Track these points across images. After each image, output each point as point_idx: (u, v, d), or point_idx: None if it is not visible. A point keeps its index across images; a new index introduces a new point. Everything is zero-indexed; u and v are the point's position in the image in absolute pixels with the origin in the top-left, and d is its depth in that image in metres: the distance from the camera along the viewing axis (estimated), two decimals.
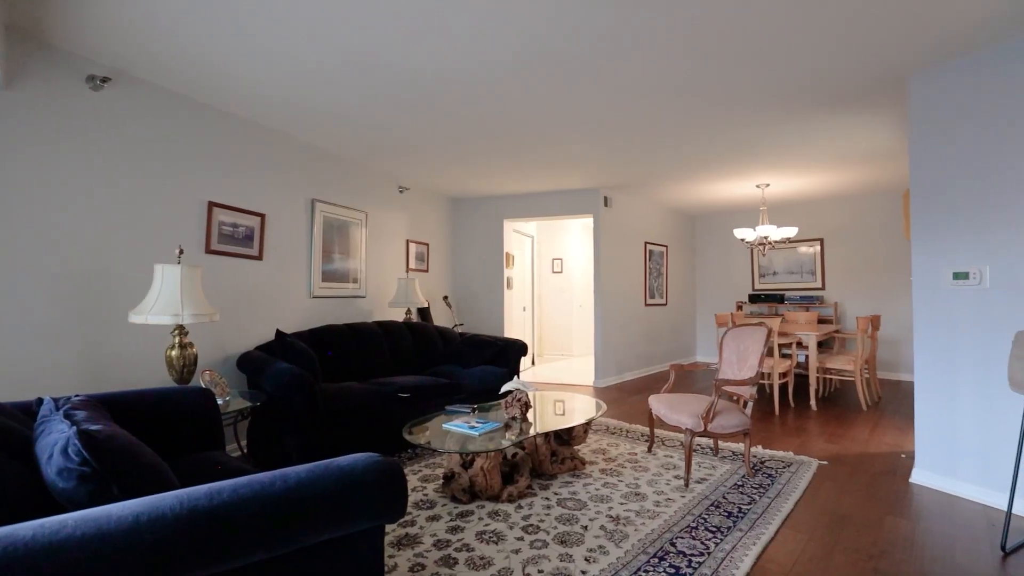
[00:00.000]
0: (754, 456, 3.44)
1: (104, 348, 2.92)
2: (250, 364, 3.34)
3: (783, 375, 5.07)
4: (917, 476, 3.02)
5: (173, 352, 2.73)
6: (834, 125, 3.95)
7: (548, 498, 2.75)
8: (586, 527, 2.41)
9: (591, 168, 5.23)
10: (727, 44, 2.68)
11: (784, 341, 5.12)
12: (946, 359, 2.91)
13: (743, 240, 6.04)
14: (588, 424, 3.19)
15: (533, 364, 7.95)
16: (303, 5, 2.33)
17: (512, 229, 7.05)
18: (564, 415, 3.25)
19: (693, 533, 2.35)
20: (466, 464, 2.74)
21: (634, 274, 6.92)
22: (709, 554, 2.16)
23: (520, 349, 4.75)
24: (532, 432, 2.83)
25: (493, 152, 4.62)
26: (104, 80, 2.86)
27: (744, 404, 3.19)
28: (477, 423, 2.88)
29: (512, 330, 6.88)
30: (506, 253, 6.66)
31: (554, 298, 8.97)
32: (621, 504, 2.67)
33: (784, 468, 3.21)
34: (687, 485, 2.91)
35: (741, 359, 3.33)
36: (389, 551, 2.19)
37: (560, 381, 6.54)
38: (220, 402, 2.77)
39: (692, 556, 2.15)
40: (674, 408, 3.11)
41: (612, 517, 2.51)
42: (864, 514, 2.59)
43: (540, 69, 2.96)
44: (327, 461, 1.32)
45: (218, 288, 3.56)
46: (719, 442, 3.67)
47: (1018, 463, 2.30)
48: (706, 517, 2.52)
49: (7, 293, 2.54)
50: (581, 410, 3.30)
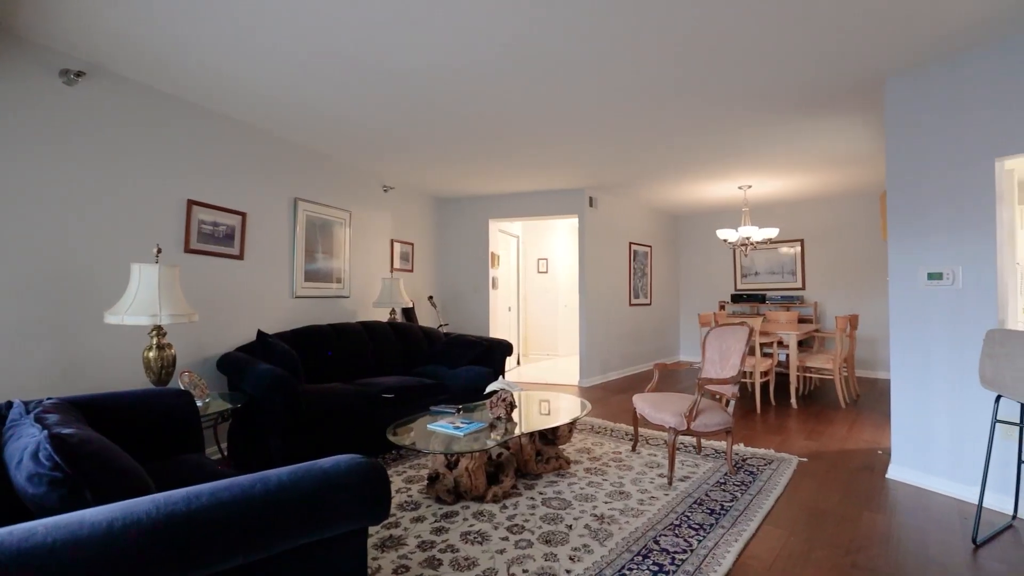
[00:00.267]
0: (736, 454, 3.48)
1: (78, 349, 2.84)
2: (231, 365, 3.29)
3: (764, 374, 5.14)
4: (893, 472, 3.09)
5: (151, 353, 2.67)
6: (814, 128, 4.02)
7: (533, 498, 2.75)
8: (571, 526, 2.42)
9: (576, 168, 5.25)
10: (711, 49, 2.71)
11: (765, 340, 5.20)
12: (921, 357, 2.98)
13: (726, 241, 6.12)
14: (573, 424, 3.21)
15: (518, 364, 7.96)
16: None
17: (497, 229, 7.05)
18: (549, 415, 3.26)
19: (676, 531, 2.38)
20: (451, 465, 2.73)
21: (619, 274, 6.97)
22: (692, 551, 2.19)
23: (505, 349, 4.75)
24: (517, 432, 2.83)
25: (479, 151, 4.61)
26: (79, 74, 2.78)
27: (726, 403, 3.24)
28: (462, 423, 2.87)
29: (497, 330, 6.87)
30: (491, 253, 6.66)
31: (539, 298, 8.99)
32: (605, 503, 2.68)
33: (765, 465, 3.26)
34: (671, 483, 2.94)
35: (724, 358, 3.37)
36: (373, 553, 2.17)
37: (545, 381, 6.55)
38: (199, 404, 2.72)
39: (675, 554, 2.17)
40: (658, 407, 3.14)
41: (596, 516, 2.53)
42: (842, 510, 2.64)
43: (527, 69, 2.97)
44: (309, 463, 1.30)
45: (198, 288, 3.49)
46: (702, 440, 3.72)
47: (988, 458, 2.37)
48: (689, 515, 2.55)
49: None
50: (566, 410, 3.31)
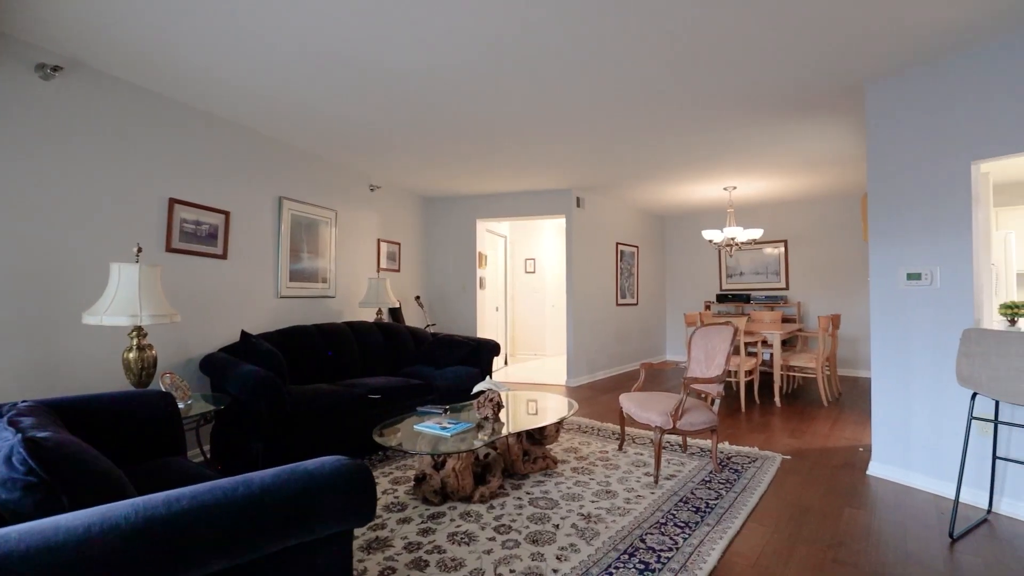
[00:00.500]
0: (721, 452, 3.52)
1: (55, 351, 2.78)
2: (214, 366, 3.24)
3: (749, 373, 5.21)
4: (874, 468, 3.15)
5: (131, 354, 2.62)
6: (797, 130, 4.08)
7: (520, 498, 2.75)
8: (558, 526, 2.42)
9: (564, 168, 5.27)
10: (697, 52, 2.74)
11: (750, 340, 5.26)
12: (901, 356, 3.04)
13: (711, 241, 6.18)
14: (560, 423, 3.21)
15: (506, 364, 7.96)
16: None
17: (485, 229, 7.04)
18: (536, 414, 3.26)
19: (662, 529, 2.39)
20: (438, 465, 2.72)
21: (606, 274, 7.00)
22: (678, 549, 2.20)
23: (493, 349, 4.75)
24: (504, 432, 2.83)
25: (466, 151, 4.60)
26: (55, 69, 2.72)
27: (712, 401, 3.27)
28: (449, 424, 2.86)
29: (485, 330, 6.87)
30: (479, 253, 6.65)
31: (527, 298, 9.00)
32: (592, 502, 2.69)
33: (750, 463, 3.30)
34: (656, 482, 2.96)
35: (709, 357, 3.41)
36: (358, 555, 2.15)
37: (533, 381, 6.56)
38: (181, 406, 2.68)
39: (661, 552, 2.18)
40: (644, 406, 3.16)
41: (583, 515, 2.53)
42: (825, 506, 2.68)
43: (514, 70, 2.96)
44: (293, 465, 1.29)
45: (180, 288, 3.44)
46: (688, 439, 3.75)
47: (964, 454, 2.43)
48: (675, 513, 2.57)
49: None
50: (553, 409, 3.31)
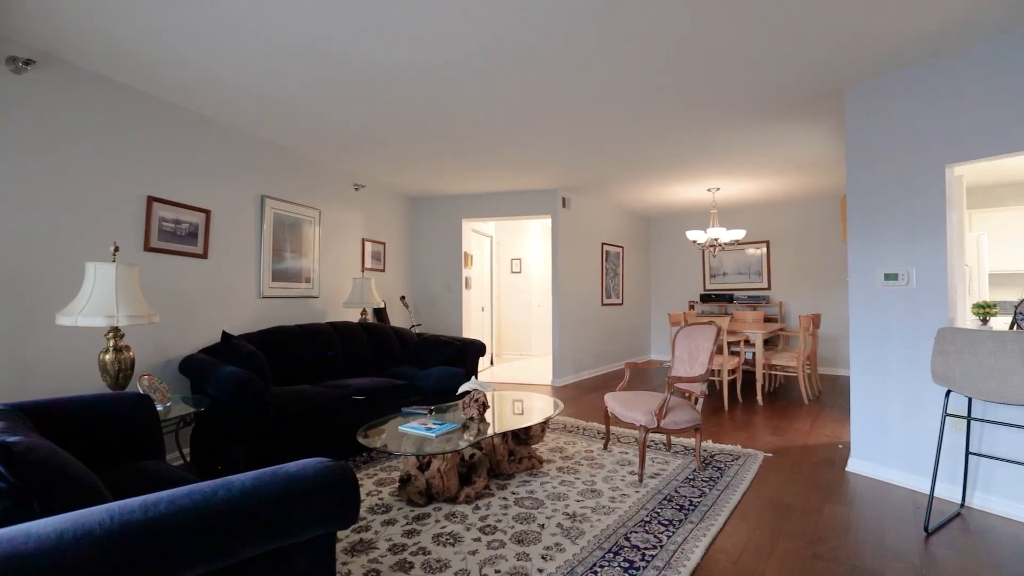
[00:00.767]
0: (705, 450, 3.56)
1: (27, 352, 2.70)
2: (194, 367, 3.18)
3: (732, 372, 5.27)
4: (853, 465, 3.21)
5: (107, 356, 2.56)
6: (779, 133, 4.14)
7: (506, 498, 2.75)
8: (543, 525, 2.43)
9: (549, 169, 5.28)
10: (681, 56, 2.76)
11: (733, 339, 5.33)
12: (878, 355, 3.11)
13: (695, 242, 6.25)
14: (545, 423, 3.22)
15: (492, 364, 7.95)
16: None
17: (471, 229, 7.03)
18: (522, 414, 3.26)
19: (647, 527, 2.41)
20: (423, 466, 2.71)
21: (591, 274, 7.04)
22: (662, 547, 2.22)
23: (478, 349, 4.74)
24: (490, 432, 2.83)
25: (452, 151, 4.58)
26: (28, 63, 2.65)
27: (695, 400, 3.30)
28: (434, 424, 2.85)
29: (471, 330, 6.85)
30: (465, 253, 6.63)
31: (513, 298, 9.00)
32: (577, 501, 2.70)
33: (733, 461, 3.34)
34: (641, 480, 2.98)
35: (693, 357, 3.44)
36: (342, 558, 2.13)
37: (518, 381, 6.56)
38: (160, 408, 2.62)
39: (645, 549, 2.20)
40: (629, 405, 3.18)
41: (568, 514, 2.54)
42: (805, 502, 2.73)
43: (499, 69, 2.96)
44: (274, 467, 1.27)
45: (159, 288, 3.37)
46: (672, 437, 3.78)
47: (939, 450, 2.49)
48: (659, 511, 2.59)
49: None
50: (538, 409, 3.32)
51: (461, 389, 3.38)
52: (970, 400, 2.56)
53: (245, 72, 2.99)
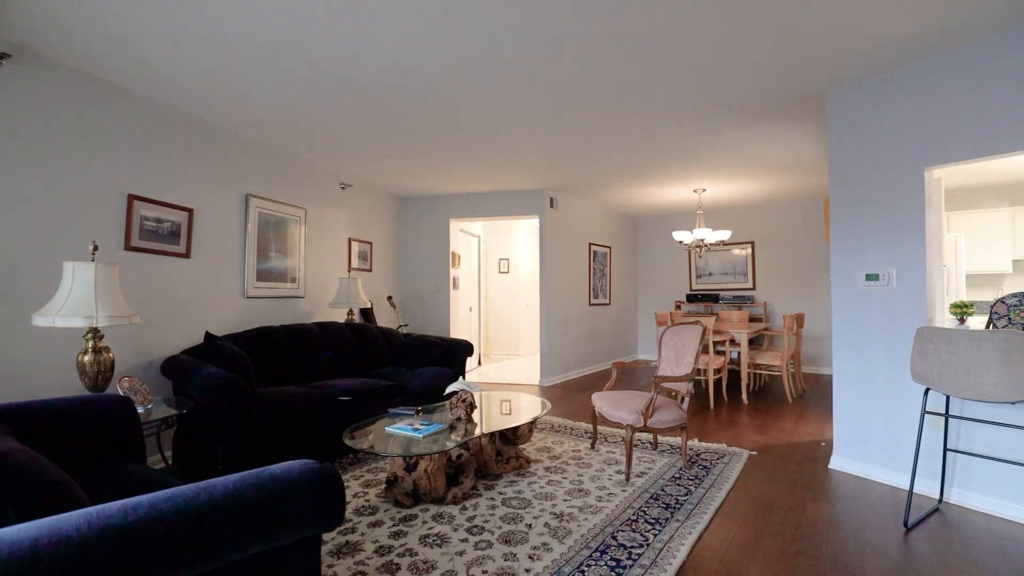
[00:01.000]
0: (690, 449, 3.59)
1: (3, 354, 2.63)
2: (176, 369, 3.13)
3: (717, 371, 5.33)
4: (835, 462, 3.26)
5: (86, 357, 2.51)
6: (763, 135, 4.19)
7: (493, 498, 2.75)
8: (530, 525, 2.43)
9: (537, 169, 5.28)
10: (666, 58, 2.78)
11: (718, 339, 5.38)
12: (860, 353, 3.16)
13: (681, 242, 6.30)
14: (533, 423, 3.22)
15: (479, 364, 7.94)
16: None
17: (459, 229, 7.01)
18: (509, 415, 3.26)
19: (633, 526, 2.43)
20: (410, 467, 2.70)
21: (579, 274, 7.06)
22: (648, 545, 2.24)
23: (466, 349, 4.73)
24: (477, 433, 2.82)
25: (439, 151, 4.57)
26: (2, 57, 2.58)
27: (681, 399, 3.33)
28: (421, 425, 2.83)
29: (458, 330, 6.84)
30: (452, 253, 6.61)
31: (501, 298, 9.00)
32: (565, 501, 2.71)
33: (718, 459, 3.38)
34: (628, 479, 3.00)
35: (679, 356, 3.47)
36: (328, 560, 2.11)
37: (506, 381, 6.56)
38: (141, 410, 2.58)
39: (632, 548, 2.21)
40: (616, 405, 3.19)
41: (556, 514, 2.55)
42: (789, 500, 2.76)
43: (485, 70, 2.96)
44: (258, 470, 1.25)
45: (140, 288, 3.31)
46: (658, 436, 3.81)
47: (918, 447, 2.54)
48: (646, 510, 2.61)
49: None
50: (526, 409, 3.32)
51: (448, 389, 3.37)
52: (948, 398, 2.62)
53: (228, 70, 2.94)
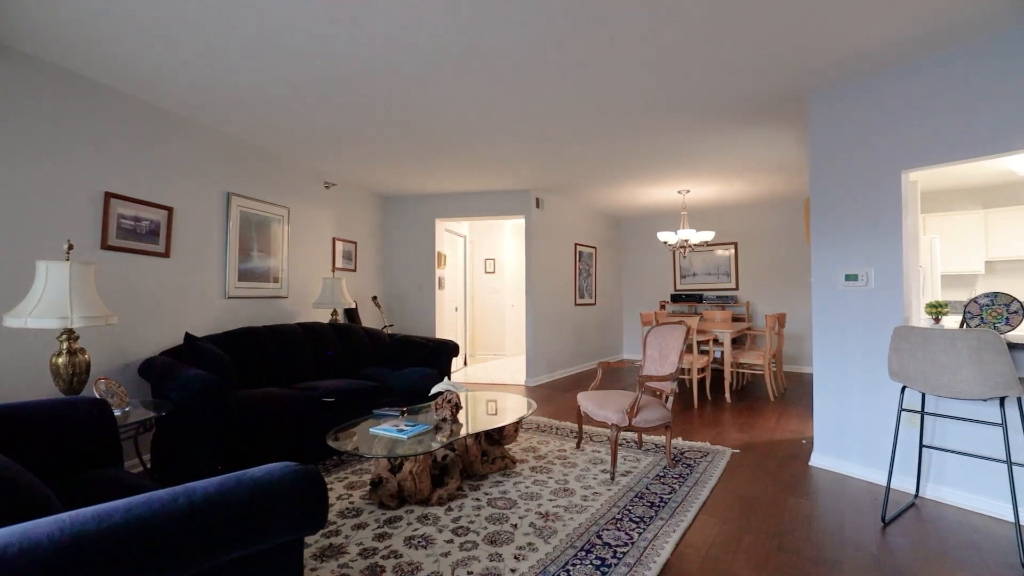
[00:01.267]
0: (675, 448, 3.63)
1: None
2: (154, 370, 3.07)
3: (701, 370, 5.39)
4: (815, 459, 3.31)
5: (60, 359, 2.45)
6: (746, 137, 4.25)
7: (479, 499, 2.74)
8: (516, 525, 2.43)
9: (523, 169, 5.29)
10: (650, 60, 2.80)
11: (702, 338, 5.44)
12: (840, 352, 3.22)
13: (666, 243, 6.36)
14: (518, 423, 3.22)
15: (465, 365, 7.92)
16: None
17: (444, 228, 6.98)
18: (495, 415, 3.26)
19: (618, 524, 2.44)
20: (394, 469, 2.68)
21: (565, 274, 7.08)
22: (633, 544, 2.25)
23: (452, 350, 4.71)
24: (462, 433, 2.81)
25: (424, 150, 4.54)
26: None
27: (666, 398, 3.36)
28: (406, 426, 2.82)
29: (444, 331, 6.81)
30: (438, 253, 6.58)
31: (487, 298, 8.98)
32: (550, 500, 2.72)
33: (702, 458, 3.41)
34: (613, 478, 3.01)
35: (663, 356, 3.50)
36: (311, 563, 2.09)
37: (492, 381, 6.55)
38: (118, 413, 2.52)
39: (617, 547, 2.22)
40: (601, 404, 3.21)
41: (541, 514, 2.55)
42: (770, 497, 2.80)
43: (470, 68, 2.95)
44: (239, 473, 1.23)
45: (117, 288, 3.24)
46: (643, 435, 3.84)
47: (895, 443, 2.59)
48: (630, 508, 2.62)
49: None
50: (512, 409, 3.32)
51: (434, 390, 3.35)
52: (924, 395, 2.68)
53: (208, 66, 2.89)
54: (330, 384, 3.72)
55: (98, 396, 2.46)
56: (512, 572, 2.02)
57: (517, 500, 2.72)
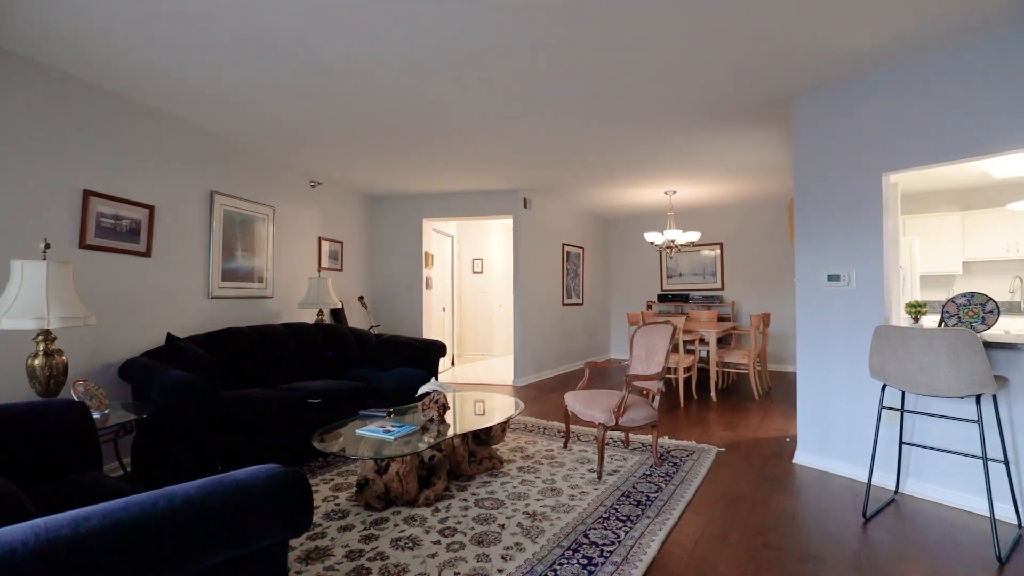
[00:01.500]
0: (661, 446, 3.65)
1: None
2: (136, 372, 3.01)
3: (687, 369, 5.43)
4: (799, 457, 3.36)
5: (36, 361, 2.39)
6: (731, 139, 4.29)
7: (466, 499, 2.73)
8: (503, 525, 2.42)
9: (510, 169, 5.29)
10: (636, 63, 2.82)
11: (688, 338, 5.49)
12: (822, 351, 3.27)
13: (653, 243, 6.40)
14: (506, 423, 3.22)
15: (453, 365, 7.90)
16: None
17: (432, 228, 6.95)
18: (482, 415, 3.25)
19: (605, 523, 2.45)
20: (381, 470, 2.66)
21: (552, 274, 7.10)
22: (619, 542, 2.26)
23: (439, 350, 4.70)
24: (450, 434, 2.80)
25: (411, 149, 4.52)
26: None
27: (652, 398, 3.38)
28: (393, 427, 2.80)
29: (431, 331, 6.78)
30: (425, 252, 6.56)
31: (474, 298, 8.97)
32: (537, 500, 2.72)
33: (687, 456, 3.44)
34: (600, 477, 3.02)
35: (650, 355, 3.52)
36: (296, 567, 2.06)
37: (480, 381, 6.54)
38: (97, 416, 2.47)
39: (604, 546, 2.23)
40: (588, 404, 3.22)
41: (528, 514, 2.55)
42: (755, 494, 2.84)
43: (458, 68, 2.94)
44: (221, 475, 1.21)
45: (96, 288, 3.17)
46: (630, 435, 3.86)
47: (876, 440, 2.64)
48: (617, 507, 2.64)
49: None
50: (499, 409, 3.32)
51: (421, 390, 3.34)
52: (903, 393, 2.73)
53: (191, 61, 2.85)
54: (316, 385, 3.68)
55: (76, 398, 2.41)
56: (499, 572, 2.02)
57: (504, 500, 2.72)
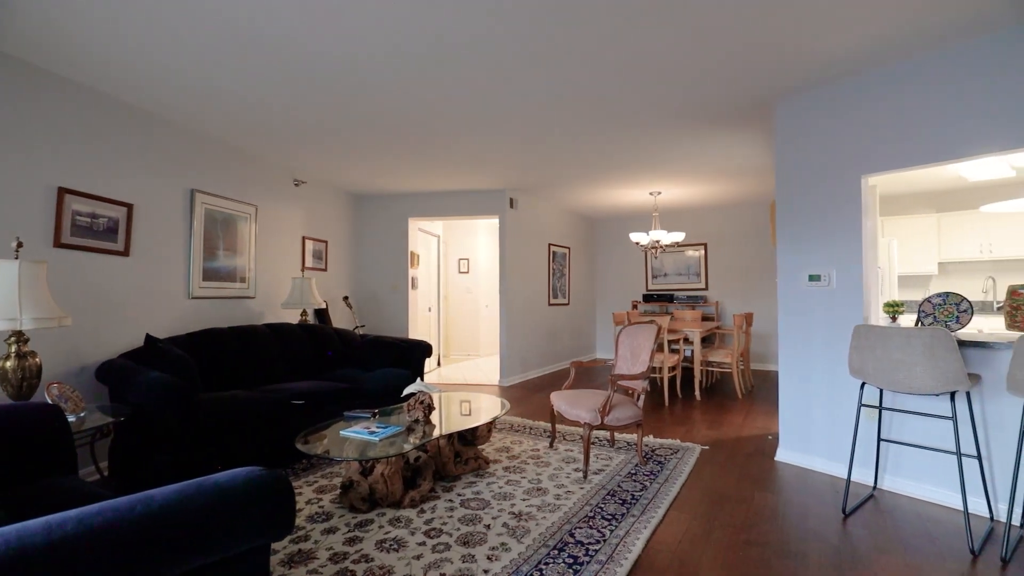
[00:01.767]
0: (646, 445, 3.68)
1: None
2: (113, 374, 2.94)
3: (672, 369, 5.48)
4: (781, 455, 3.41)
5: (8, 363, 2.33)
6: (714, 141, 4.34)
7: (451, 500, 2.72)
8: (489, 526, 2.42)
9: (497, 169, 5.28)
10: (622, 65, 2.84)
11: (673, 337, 5.54)
12: (803, 350, 3.32)
13: (638, 243, 6.45)
14: (492, 423, 3.22)
15: (439, 365, 7.87)
16: None
17: (417, 228, 6.92)
18: (468, 415, 3.24)
19: (590, 522, 2.46)
20: (365, 471, 2.64)
21: (539, 274, 7.11)
22: (605, 541, 2.27)
23: (424, 350, 4.67)
24: (435, 434, 2.79)
25: (397, 148, 4.49)
26: None
27: (637, 397, 3.40)
28: (377, 428, 2.78)
29: (417, 331, 6.75)
30: (411, 252, 6.52)
31: (461, 298, 8.94)
32: (523, 500, 2.72)
33: (672, 455, 3.47)
34: (585, 477, 3.03)
35: (635, 355, 3.55)
36: (280, 570, 2.04)
37: (466, 381, 6.53)
38: (72, 419, 2.41)
39: (589, 545, 2.24)
40: (574, 404, 3.23)
41: (514, 514, 2.55)
42: (738, 492, 2.87)
43: (446, 67, 2.93)
44: (201, 479, 1.19)
45: (72, 288, 3.09)
46: (615, 434, 3.88)
47: (855, 437, 2.69)
48: (603, 506, 2.65)
49: None
50: (485, 409, 3.31)
51: (406, 391, 3.32)
52: (881, 391, 2.79)
53: (170, 55, 2.79)
54: (300, 386, 3.64)
55: (50, 401, 2.35)
56: (485, 573, 2.01)
57: (490, 500, 2.71)
